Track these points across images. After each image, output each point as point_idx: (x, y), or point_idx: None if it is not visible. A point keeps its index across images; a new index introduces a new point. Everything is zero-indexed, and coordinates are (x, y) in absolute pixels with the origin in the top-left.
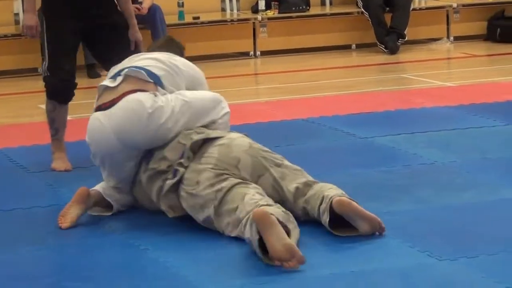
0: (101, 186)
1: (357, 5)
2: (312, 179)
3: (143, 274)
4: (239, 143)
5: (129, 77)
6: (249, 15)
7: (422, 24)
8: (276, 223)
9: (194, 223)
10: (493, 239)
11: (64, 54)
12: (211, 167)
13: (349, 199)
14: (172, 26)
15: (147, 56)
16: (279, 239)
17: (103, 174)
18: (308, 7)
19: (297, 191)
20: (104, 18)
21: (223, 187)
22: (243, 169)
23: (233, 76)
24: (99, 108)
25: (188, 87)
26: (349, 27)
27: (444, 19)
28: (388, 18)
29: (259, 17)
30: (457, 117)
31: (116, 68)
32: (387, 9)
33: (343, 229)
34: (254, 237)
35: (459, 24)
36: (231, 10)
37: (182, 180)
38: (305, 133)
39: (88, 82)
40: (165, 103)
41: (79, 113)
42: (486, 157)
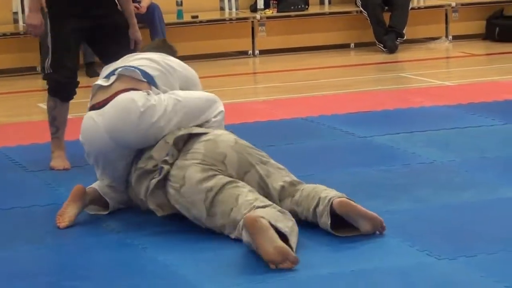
0: (97, 184)
1: (356, 4)
2: (296, 179)
3: (141, 273)
4: (225, 138)
5: (122, 76)
6: (247, 14)
7: (420, 23)
8: (267, 227)
9: (193, 222)
10: (492, 238)
11: (67, 52)
12: (197, 162)
13: (348, 199)
14: (171, 25)
15: (142, 56)
16: (271, 242)
17: (97, 172)
18: (307, 6)
19: (283, 190)
20: (105, 17)
21: (213, 186)
22: (230, 165)
23: (232, 75)
24: (93, 107)
25: (181, 87)
26: (348, 26)
27: (443, 18)
28: (386, 17)
29: (258, 16)
30: (456, 116)
31: (109, 67)
32: (386, 8)
33: (343, 230)
34: (247, 242)
35: (458, 23)
36: (230, 9)
37: (168, 177)
38: (304, 132)
39: (87, 81)
40: (157, 102)
41: (78, 112)
42: (484, 156)
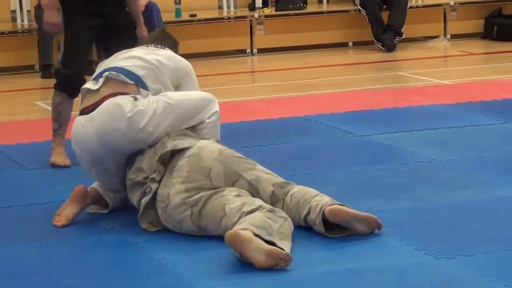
0: (97, 184)
1: (354, 3)
2: (284, 181)
3: (139, 271)
4: (208, 152)
5: (109, 79)
6: (246, 12)
7: (419, 22)
8: (250, 238)
9: None
10: (490, 238)
11: (80, 50)
12: (181, 181)
13: (339, 205)
14: (169, 23)
15: (129, 54)
16: (258, 251)
17: (92, 176)
18: (305, 5)
19: (273, 194)
20: (114, 16)
21: (197, 201)
22: (215, 177)
23: (230, 73)
24: (82, 111)
25: (173, 81)
26: (346, 24)
27: (441, 17)
28: (385, 16)
29: (256, 15)
30: (454, 115)
31: (99, 67)
32: (384, 7)
33: (338, 230)
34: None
35: (456, 22)
36: (228, 7)
37: (156, 196)
38: (302, 131)
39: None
40: (145, 106)
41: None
42: (483, 155)
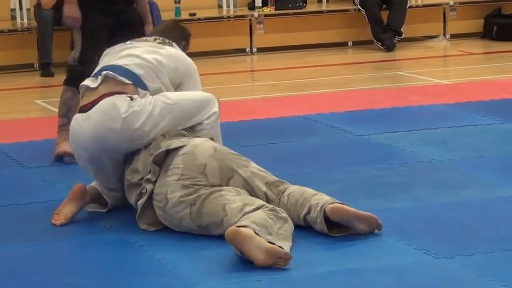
0: (96, 182)
1: (354, 2)
2: (278, 179)
3: (139, 271)
4: (202, 149)
5: (108, 78)
6: (245, 11)
7: (418, 21)
8: (251, 236)
9: None
10: (489, 238)
11: (96, 48)
12: (177, 179)
13: (340, 203)
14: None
15: (129, 52)
16: (259, 249)
17: (89, 174)
18: (304, 4)
19: (267, 193)
20: (124, 14)
21: (195, 199)
22: (211, 174)
23: (229, 72)
24: (80, 109)
25: (173, 80)
26: (346, 24)
27: (440, 16)
28: (384, 15)
29: (256, 14)
30: (453, 115)
31: (99, 64)
32: (384, 6)
33: (339, 229)
34: (237, 253)
35: (456, 21)
36: (228, 6)
37: (153, 196)
38: (301, 130)
39: None
40: (141, 107)
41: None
42: (482, 155)
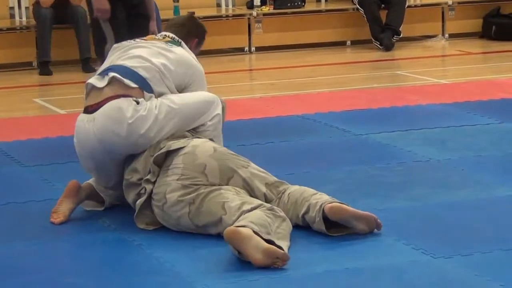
0: (93, 180)
1: (353, 1)
2: (278, 180)
3: (137, 269)
4: (203, 149)
5: (114, 80)
6: (244, 10)
7: (417, 21)
8: (249, 236)
9: None
10: (487, 237)
11: (124, 38)
12: (177, 178)
13: (339, 203)
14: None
15: (137, 53)
16: (256, 249)
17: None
18: (303, 3)
19: (267, 193)
20: (137, 7)
21: (194, 198)
22: (210, 174)
23: (228, 71)
24: (86, 110)
25: (179, 84)
26: (344, 23)
27: (439, 16)
28: (383, 15)
29: (254, 13)
30: (452, 114)
31: (107, 62)
32: (382, 5)
33: (337, 229)
34: (235, 254)
35: (454, 21)
36: (227, 5)
37: (152, 195)
38: (300, 130)
39: (83, 76)
40: (147, 111)
41: (74, 107)
42: (480, 155)
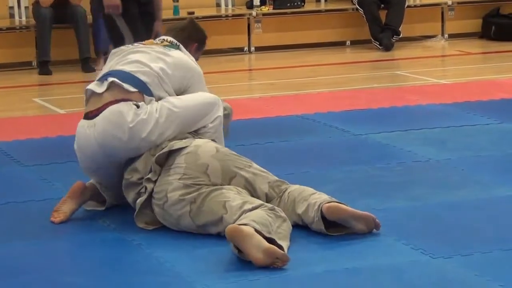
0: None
1: (352, 1)
2: (279, 179)
3: (136, 269)
4: (205, 149)
5: (113, 85)
6: (244, 10)
7: (416, 21)
8: (251, 234)
9: None
10: (487, 237)
11: (141, 33)
12: (179, 178)
13: (337, 203)
14: (167, 21)
15: (135, 58)
16: (257, 248)
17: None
18: (303, 3)
19: (269, 192)
20: (147, 5)
21: (196, 197)
22: (213, 174)
23: (227, 71)
24: (86, 116)
25: (178, 88)
26: (344, 23)
27: (439, 16)
28: (383, 15)
29: (254, 13)
30: (451, 114)
31: (105, 67)
32: (382, 6)
33: (337, 229)
34: (235, 252)
35: (454, 21)
36: (226, 5)
37: (152, 194)
38: (299, 130)
39: (82, 76)
40: (148, 115)
41: (73, 107)
42: (480, 155)
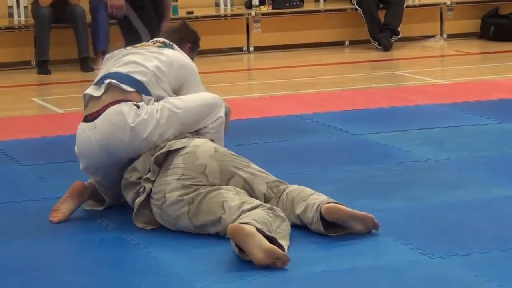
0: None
1: (351, 1)
2: (278, 180)
3: (134, 269)
4: (204, 149)
5: (111, 87)
6: (243, 10)
7: (415, 21)
8: (252, 233)
9: None
10: (485, 237)
11: (155, 32)
12: (177, 178)
13: (335, 203)
14: None
15: (131, 58)
16: (259, 247)
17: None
18: (302, 3)
19: (268, 192)
20: (159, 3)
21: (194, 198)
22: (211, 174)
23: (226, 71)
24: (85, 118)
25: (174, 85)
26: (343, 23)
27: (437, 16)
28: (381, 15)
29: (253, 13)
30: (450, 114)
31: (101, 72)
32: (381, 5)
33: (336, 229)
34: (235, 251)
35: (453, 21)
36: (225, 5)
37: (151, 194)
38: (298, 129)
39: (81, 75)
40: (148, 116)
41: (72, 106)
42: (479, 155)
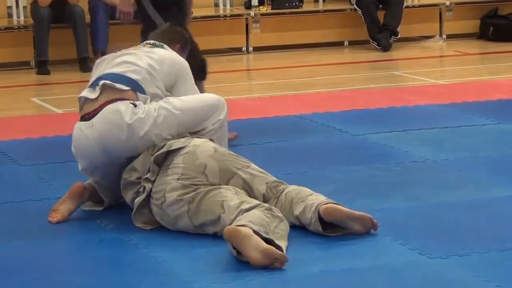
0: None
1: (350, 2)
2: (278, 180)
3: (134, 269)
4: (203, 149)
5: (106, 88)
6: (242, 10)
7: (415, 21)
8: (249, 235)
9: None
10: (484, 238)
11: (171, 16)
12: (177, 178)
13: (334, 204)
14: None
15: (123, 59)
16: (256, 249)
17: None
18: (301, 4)
19: (267, 193)
20: (179, 1)
21: (194, 197)
22: (211, 174)
23: (226, 71)
24: (83, 118)
25: (167, 83)
26: (342, 24)
27: (437, 17)
28: (381, 15)
29: (252, 13)
30: (449, 115)
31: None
32: (380, 6)
33: (334, 229)
34: (233, 253)
35: (452, 22)
36: (224, 5)
37: (151, 194)
38: (297, 130)
39: (81, 76)
40: (145, 114)
41: (71, 107)
42: (477, 156)
